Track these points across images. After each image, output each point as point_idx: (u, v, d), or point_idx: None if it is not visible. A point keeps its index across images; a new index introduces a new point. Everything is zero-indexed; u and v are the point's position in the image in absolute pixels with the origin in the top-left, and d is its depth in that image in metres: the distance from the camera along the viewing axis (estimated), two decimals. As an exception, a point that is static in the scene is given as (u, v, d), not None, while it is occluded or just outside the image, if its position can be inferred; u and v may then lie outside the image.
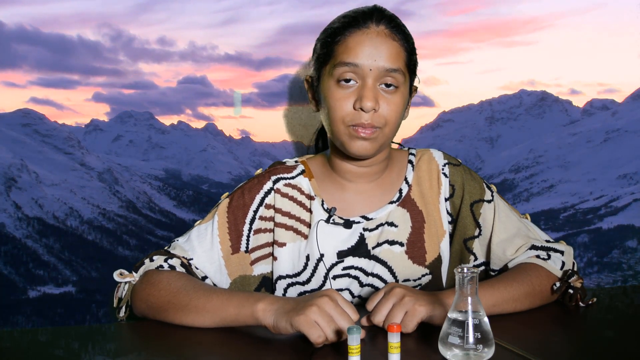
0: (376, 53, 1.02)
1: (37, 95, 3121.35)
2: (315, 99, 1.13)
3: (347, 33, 1.04)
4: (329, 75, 1.05)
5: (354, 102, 1.03)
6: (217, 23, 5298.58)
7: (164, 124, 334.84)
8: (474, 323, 0.78)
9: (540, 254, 1.11)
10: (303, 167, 1.18)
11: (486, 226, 1.15)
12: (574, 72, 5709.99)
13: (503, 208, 1.16)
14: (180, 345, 0.91)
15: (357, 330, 0.76)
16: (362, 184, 1.15)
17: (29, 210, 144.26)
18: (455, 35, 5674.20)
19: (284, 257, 1.14)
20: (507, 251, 1.12)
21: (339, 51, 1.04)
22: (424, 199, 1.16)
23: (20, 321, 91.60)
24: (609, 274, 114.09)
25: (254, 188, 1.16)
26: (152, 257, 1.10)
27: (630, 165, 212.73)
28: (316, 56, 1.10)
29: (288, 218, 1.15)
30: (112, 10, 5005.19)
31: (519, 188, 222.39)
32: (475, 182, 1.17)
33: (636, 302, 1.12)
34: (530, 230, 1.16)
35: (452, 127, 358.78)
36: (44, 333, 1.00)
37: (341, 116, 1.04)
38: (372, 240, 1.13)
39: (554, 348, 0.84)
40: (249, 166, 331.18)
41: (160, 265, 1.07)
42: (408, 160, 1.19)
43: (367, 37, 1.02)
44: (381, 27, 1.03)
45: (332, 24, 1.08)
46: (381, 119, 1.04)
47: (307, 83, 1.15)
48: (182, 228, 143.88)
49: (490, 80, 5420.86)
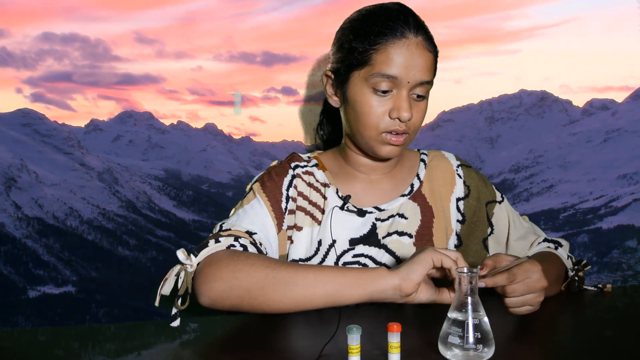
0: (414, 66, 1.03)
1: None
2: (337, 95, 1.12)
3: (388, 42, 1.02)
4: (364, 81, 1.05)
5: (390, 110, 1.05)
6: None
7: (164, 123, 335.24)
8: (474, 323, 0.78)
9: (550, 245, 1.18)
10: (316, 161, 1.21)
11: (499, 226, 1.20)
12: (563, 78, 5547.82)
13: (512, 209, 1.23)
14: (180, 345, 0.90)
15: (357, 330, 0.75)
16: (375, 176, 1.18)
17: (28, 210, 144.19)
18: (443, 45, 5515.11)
19: (300, 241, 1.13)
20: (524, 247, 1.19)
21: (379, 60, 1.03)
22: (434, 196, 1.19)
23: (20, 321, 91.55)
24: (609, 274, 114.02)
25: (281, 172, 1.17)
26: (217, 238, 1.02)
27: (630, 165, 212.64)
28: (346, 55, 1.08)
29: (308, 203, 1.16)
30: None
31: (519, 188, 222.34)
32: (486, 185, 1.23)
33: (636, 302, 1.13)
34: (535, 229, 1.25)
35: (452, 127, 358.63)
36: (44, 333, 0.99)
37: (375, 123, 1.06)
38: (383, 230, 1.14)
39: (554, 348, 0.85)
40: (249, 166, 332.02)
41: (231, 245, 1.01)
42: (420, 159, 1.24)
43: (407, 49, 1.02)
44: (419, 37, 1.04)
45: (366, 24, 1.05)
46: (411, 125, 1.07)
47: (326, 77, 1.14)
48: (182, 228, 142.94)
49: (479, 87, 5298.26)
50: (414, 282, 0.91)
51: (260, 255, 0.98)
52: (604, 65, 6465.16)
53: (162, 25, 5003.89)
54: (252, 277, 0.93)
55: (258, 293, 0.93)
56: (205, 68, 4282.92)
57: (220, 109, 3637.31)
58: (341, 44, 1.10)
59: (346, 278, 0.93)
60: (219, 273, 0.94)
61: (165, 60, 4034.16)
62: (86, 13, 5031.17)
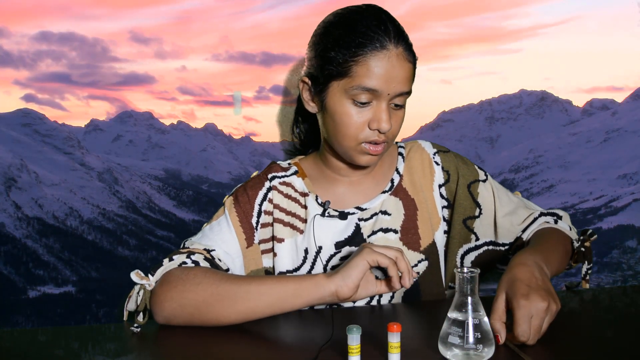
0: (394, 78, 1.01)
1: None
2: (315, 102, 1.11)
3: (368, 54, 1.00)
4: (343, 92, 1.03)
5: (369, 122, 1.04)
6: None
7: (164, 123, 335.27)
8: (474, 323, 0.78)
9: (548, 219, 1.16)
10: (296, 168, 1.21)
11: (486, 204, 1.18)
12: (563, 80, 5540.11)
13: (498, 185, 1.21)
14: (180, 345, 0.91)
15: (357, 330, 0.75)
16: (355, 178, 1.18)
17: (28, 210, 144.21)
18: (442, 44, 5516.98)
19: (283, 253, 1.15)
20: (514, 222, 1.16)
21: (359, 73, 1.01)
22: (415, 188, 1.19)
23: (20, 321, 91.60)
24: (609, 274, 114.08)
25: (255, 185, 1.18)
26: (171, 257, 1.06)
27: (630, 165, 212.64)
28: (324, 64, 1.05)
29: (285, 214, 1.16)
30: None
31: (519, 188, 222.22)
32: (467, 165, 1.21)
33: (636, 302, 1.13)
34: (527, 203, 1.22)
35: (452, 127, 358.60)
36: (44, 333, 1.00)
37: (354, 134, 1.05)
38: (367, 229, 1.15)
39: (554, 348, 0.85)
40: (249, 166, 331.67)
41: (183, 262, 1.05)
42: (398, 152, 1.23)
43: (388, 61, 1.00)
44: (400, 48, 1.02)
45: (345, 33, 1.03)
46: (390, 135, 1.06)
47: (302, 83, 1.12)
48: (182, 228, 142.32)
49: (483, 87, 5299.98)
50: (350, 287, 0.94)
51: (207, 272, 1.01)
52: (604, 65, 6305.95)
53: (157, 24, 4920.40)
54: (199, 295, 0.97)
55: (206, 310, 0.96)
56: (200, 68, 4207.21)
57: (215, 109, 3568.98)
58: (318, 51, 1.07)
59: (285, 288, 0.96)
60: (169, 293, 0.98)
61: (159, 60, 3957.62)
62: (80, 11, 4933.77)
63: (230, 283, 0.98)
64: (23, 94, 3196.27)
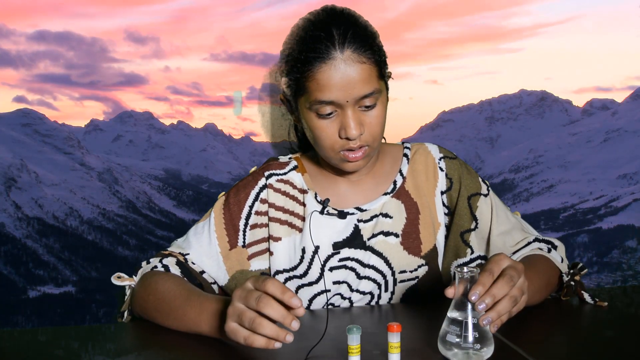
0: (347, 84, 0.99)
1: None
2: (294, 116, 1.12)
3: (314, 68, 0.99)
4: (307, 108, 1.03)
5: (339, 130, 1.03)
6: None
7: (164, 123, 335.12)
8: (473, 322, 0.78)
9: (542, 246, 1.12)
10: (296, 162, 1.19)
11: (483, 219, 1.15)
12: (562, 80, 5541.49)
13: (498, 202, 1.18)
14: (179, 345, 0.92)
15: (357, 330, 0.75)
16: (355, 177, 1.16)
17: (28, 210, 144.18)
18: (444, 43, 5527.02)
19: (280, 252, 1.14)
20: (507, 243, 1.13)
21: (311, 88, 1.00)
22: (419, 191, 1.17)
23: (20, 321, 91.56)
24: (609, 274, 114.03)
25: (248, 185, 1.17)
26: (148, 260, 1.12)
27: (630, 165, 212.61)
28: (288, 82, 1.06)
29: (282, 212, 1.15)
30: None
31: (519, 188, 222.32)
32: (471, 175, 1.18)
33: (636, 302, 1.13)
34: (524, 226, 1.19)
35: (452, 127, 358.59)
36: (44, 333, 1.00)
37: (330, 145, 1.05)
38: (367, 231, 1.13)
39: (554, 348, 0.85)
40: (249, 166, 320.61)
41: (154, 266, 1.09)
42: (403, 153, 1.20)
43: (335, 70, 0.98)
44: (346, 52, 0.98)
45: (295, 50, 1.03)
46: (368, 137, 1.04)
47: (281, 101, 1.14)
48: (182, 228, 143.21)
49: (481, 87, 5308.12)
50: (218, 334, 0.91)
51: (163, 281, 1.03)
52: (605, 64, 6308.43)
53: (153, 23, 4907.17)
54: (150, 304, 1.02)
55: (152, 317, 1.02)
56: (195, 67, 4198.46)
57: (212, 109, 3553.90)
58: (282, 69, 1.09)
59: (187, 317, 0.96)
60: (137, 296, 1.06)
61: (154, 59, 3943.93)
62: (74, 10, 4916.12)
63: (168, 298, 1.00)
64: (15, 95, 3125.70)
